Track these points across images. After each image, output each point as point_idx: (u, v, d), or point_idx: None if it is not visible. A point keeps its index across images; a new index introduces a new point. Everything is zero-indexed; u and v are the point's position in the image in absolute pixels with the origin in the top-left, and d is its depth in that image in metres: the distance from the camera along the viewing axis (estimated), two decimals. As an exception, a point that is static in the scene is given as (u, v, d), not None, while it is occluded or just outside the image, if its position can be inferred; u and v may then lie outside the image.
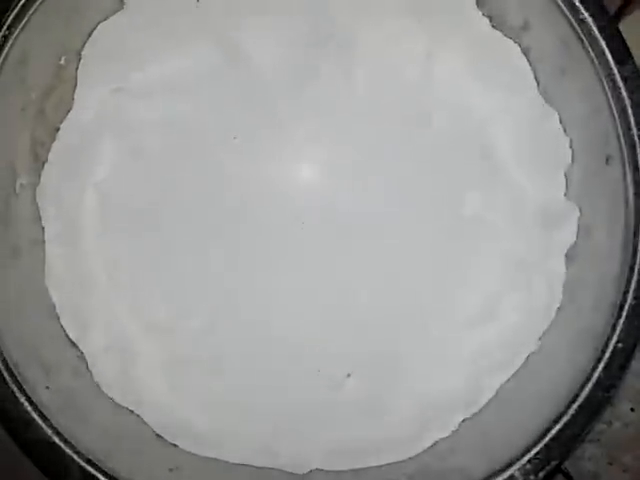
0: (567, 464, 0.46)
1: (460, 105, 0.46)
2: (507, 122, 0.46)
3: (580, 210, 0.45)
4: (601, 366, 0.39)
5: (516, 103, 0.46)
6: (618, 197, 0.41)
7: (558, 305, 0.45)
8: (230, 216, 0.45)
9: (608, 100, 0.42)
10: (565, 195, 0.45)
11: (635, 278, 0.40)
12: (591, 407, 0.39)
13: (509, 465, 0.39)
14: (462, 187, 0.46)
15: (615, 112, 0.41)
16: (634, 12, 0.48)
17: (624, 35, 0.42)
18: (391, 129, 0.45)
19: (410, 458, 0.43)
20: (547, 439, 0.39)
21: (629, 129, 0.41)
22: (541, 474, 0.39)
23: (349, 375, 0.44)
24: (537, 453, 0.39)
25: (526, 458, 0.39)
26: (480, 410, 0.44)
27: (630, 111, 0.41)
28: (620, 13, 0.47)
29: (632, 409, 0.49)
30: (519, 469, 0.39)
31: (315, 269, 0.45)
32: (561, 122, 0.46)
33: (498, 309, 0.45)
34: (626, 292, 0.40)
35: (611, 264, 0.41)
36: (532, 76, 0.46)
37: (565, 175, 0.45)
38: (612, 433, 0.49)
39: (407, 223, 0.45)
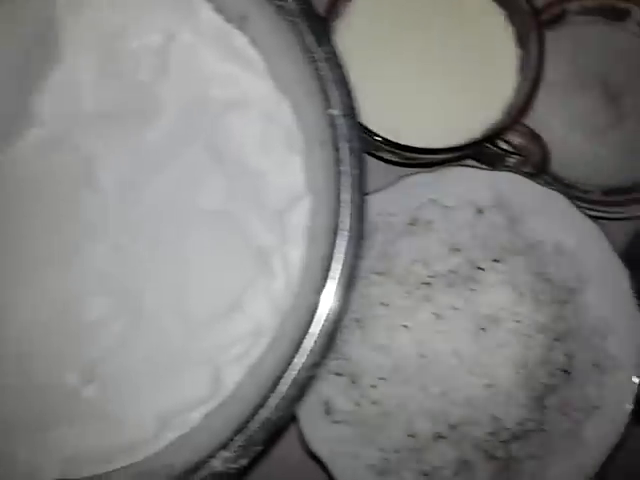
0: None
1: (194, 97, 0.46)
2: (241, 110, 0.46)
3: (312, 193, 0.44)
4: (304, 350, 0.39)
5: (249, 91, 0.46)
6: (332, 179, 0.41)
7: (296, 290, 0.44)
8: None
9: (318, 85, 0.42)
10: (301, 179, 0.45)
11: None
12: (294, 391, 0.38)
13: (210, 456, 0.38)
14: (199, 182, 0.45)
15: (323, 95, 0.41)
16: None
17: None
18: (117, 128, 0.46)
19: (145, 459, 0.42)
20: (249, 426, 0.38)
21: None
22: (243, 461, 0.38)
23: (85, 382, 0.44)
24: (238, 441, 0.38)
25: (228, 447, 0.38)
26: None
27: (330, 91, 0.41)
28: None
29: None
30: (220, 458, 0.38)
31: (37, 276, 0.44)
32: (293, 108, 0.45)
33: (242, 300, 0.44)
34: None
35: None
36: (262, 65, 0.47)
37: (301, 160, 0.45)
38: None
39: (140, 223, 0.45)
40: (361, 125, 0.44)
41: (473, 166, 0.48)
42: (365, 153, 0.43)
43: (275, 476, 0.48)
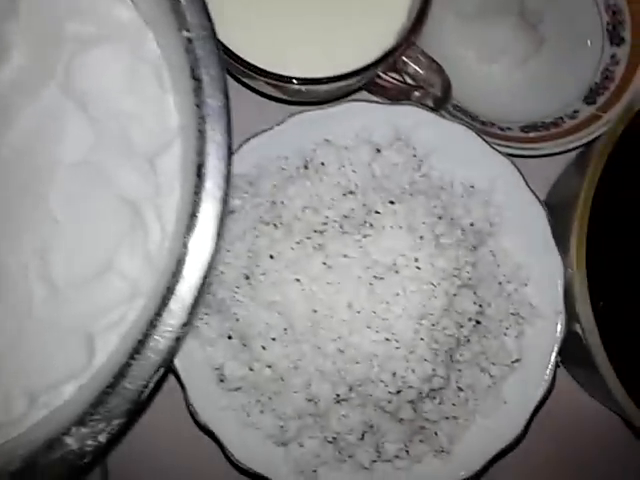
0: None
1: (47, 34, 0.41)
2: (103, 46, 0.40)
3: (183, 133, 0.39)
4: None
5: (111, 24, 0.41)
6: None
7: (171, 244, 0.39)
8: None
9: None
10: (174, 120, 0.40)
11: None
12: (156, 357, 0.34)
13: (64, 433, 0.34)
14: (60, 130, 0.40)
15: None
16: None
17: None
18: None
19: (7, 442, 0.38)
20: (107, 398, 0.34)
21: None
22: (101, 437, 0.34)
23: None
24: (94, 414, 0.34)
25: (84, 422, 0.34)
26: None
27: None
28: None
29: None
30: (74, 435, 0.34)
31: None
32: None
33: (114, 260, 0.40)
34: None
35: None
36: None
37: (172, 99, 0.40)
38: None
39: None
40: (238, 58, 0.40)
41: (370, 100, 0.43)
42: (230, 77, 0.39)
43: (164, 452, 0.44)
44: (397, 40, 0.40)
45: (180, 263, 0.36)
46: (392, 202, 0.40)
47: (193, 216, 0.36)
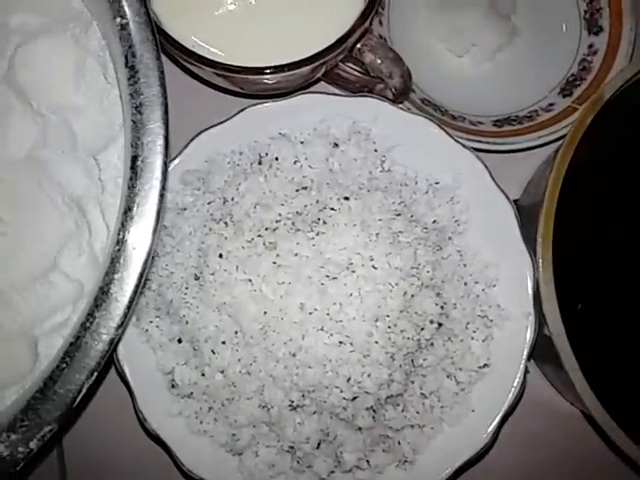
0: None
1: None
2: (47, 38, 0.39)
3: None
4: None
5: (54, 13, 0.40)
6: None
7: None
8: None
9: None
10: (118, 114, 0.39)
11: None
12: (89, 360, 0.32)
13: None
14: (3, 125, 0.38)
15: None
16: None
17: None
18: None
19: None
20: (37, 403, 0.32)
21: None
22: (32, 444, 0.32)
23: None
24: (25, 420, 0.32)
25: (15, 428, 0.32)
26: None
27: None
28: None
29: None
30: (5, 441, 0.32)
31: None
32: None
33: (59, 260, 0.38)
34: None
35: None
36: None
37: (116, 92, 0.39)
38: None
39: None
40: (182, 47, 0.38)
41: (327, 93, 0.41)
42: (181, 69, 0.37)
43: (113, 463, 0.42)
44: (354, 27, 0.39)
45: (114, 262, 0.34)
46: (347, 198, 0.37)
47: (128, 211, 0.35)
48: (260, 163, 0.40)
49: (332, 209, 0.38)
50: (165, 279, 0.39)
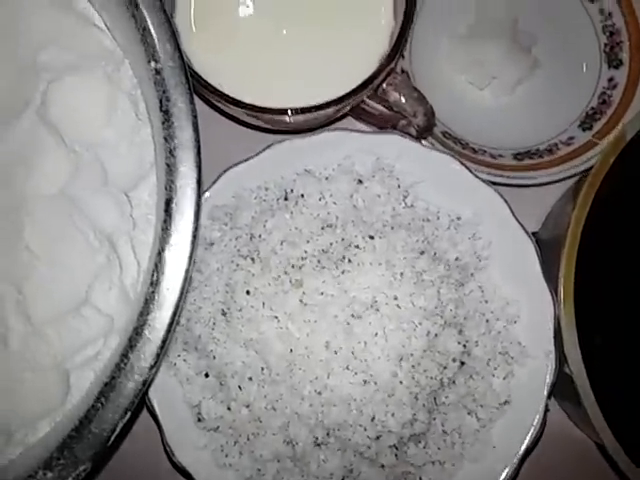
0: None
1: (23, 62, 0.40)
2: (80, 74, 0.39)
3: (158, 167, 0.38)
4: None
5: (88, 50, 0.40)
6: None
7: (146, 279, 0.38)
8: None
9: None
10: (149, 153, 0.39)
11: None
12: (123, 400, 0.33)
13: (30, 476, 0.33)
14: (36, 161, 0.39)
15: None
16: None
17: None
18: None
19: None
20: (72, 442, 0.33)
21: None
22: (70, 482, 0.33)
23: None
24: (60, 459, 0.33)
25: (50, 466, 0.33)
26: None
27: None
28: None
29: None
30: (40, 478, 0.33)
31: None
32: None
33: (90, 294, 0.39)
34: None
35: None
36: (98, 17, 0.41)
37: (148, 130, 0.39)
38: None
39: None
40: (215, 90, 0.39)
41: (351, 129, 0.42)
42: (207, 105, 0.37)
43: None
44: (379, 68, 0.39)
45: (148, 303, 0.35)
46: (372, 237, 0.38)
47: (162, 253, 0.35)
48: (286, 199, 0.41)
49: (357, 247, 0.38)
50: (193, 314, 0.40)
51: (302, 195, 0.40)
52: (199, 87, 0.39)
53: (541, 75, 0.48)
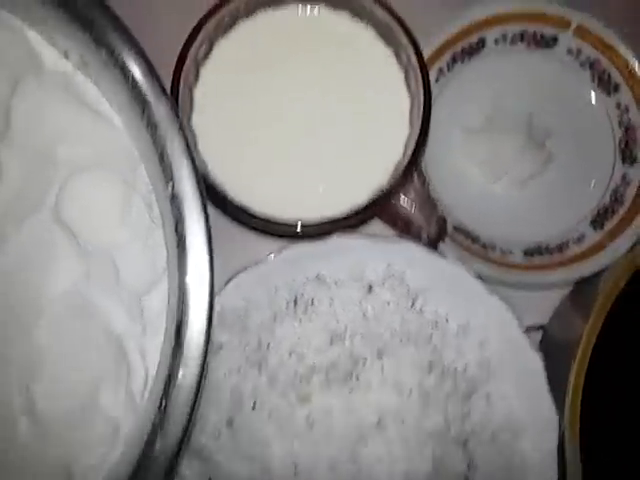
0: None
1: (39, 157, 0.40)
2: (95, 173, 0.39)
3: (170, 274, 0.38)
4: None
5: (104, 150, 0.40)
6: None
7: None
8: None
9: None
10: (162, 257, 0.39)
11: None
12: None
13: None
14: (47, 259, 0.39)
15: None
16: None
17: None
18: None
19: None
20: None
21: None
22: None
23: None
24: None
25: None
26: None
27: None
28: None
29: None
30: None
31: None
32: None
33: (98, 398, 0.39)
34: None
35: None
36: (118, 119, 0.40)
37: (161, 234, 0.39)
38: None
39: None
40: (221, 196, 0.38)
41: (363, 236, 0.41)
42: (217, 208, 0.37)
43: None
44: (394, 178, 0.39)
45: (155, 430, 0.35)
46: (380, 354, 0.38)
47: (170, 381, 0.35)
48: (296, 304, 0.41)
49: (365, 364, 0.38)
50: (199, 420, 0.40)
51: (312, 301, 0.40)
52: (209, 196, 0.39)
53: (554, 169, 0.47)
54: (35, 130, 0.40)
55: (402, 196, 0.40)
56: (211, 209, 0.43)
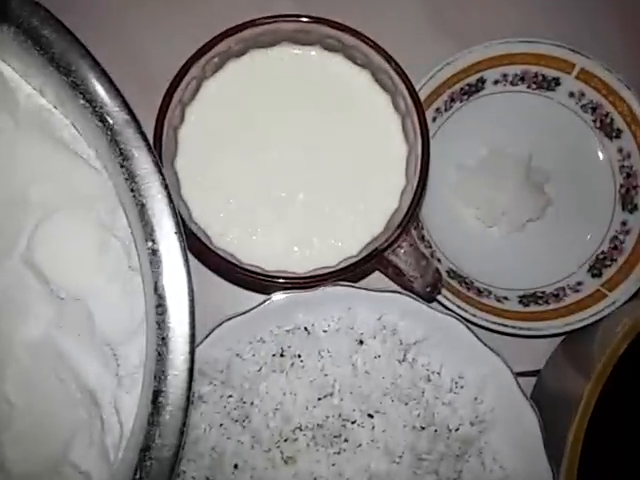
0: None
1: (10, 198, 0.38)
2: (70, 215, 0.37)
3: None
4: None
5: (80, 191, 0.38)
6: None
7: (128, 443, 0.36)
8: None
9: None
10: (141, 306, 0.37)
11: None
12: None
13: None
14: (18, 306, 0.37)
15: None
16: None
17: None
18: None
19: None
20: None
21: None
22: None
23: None
24: None
25: None
26: None
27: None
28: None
29: None
30: None
31: None
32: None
33: (69, 453, 0.37)
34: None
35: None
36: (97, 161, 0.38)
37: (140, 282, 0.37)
38: None
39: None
40: (206, 248, 0.36)
41: (353, 285, 0.40)
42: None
43: None
44: (389, 231, 0.37)
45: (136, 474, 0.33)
46: (370, 415, 0.37)
47: (146, 451, 0.33)
48: (282, 356, 0.39)
49: (354, 424, 0.37)
50: (178, 477, 0.39)
51: (299, 355, 0.39)
52: (193, 247, 0.37)
53: (552, 212, 0.46)
54: (7, 170, 0.38)
55: (394, 255, 0.38)
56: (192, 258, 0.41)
